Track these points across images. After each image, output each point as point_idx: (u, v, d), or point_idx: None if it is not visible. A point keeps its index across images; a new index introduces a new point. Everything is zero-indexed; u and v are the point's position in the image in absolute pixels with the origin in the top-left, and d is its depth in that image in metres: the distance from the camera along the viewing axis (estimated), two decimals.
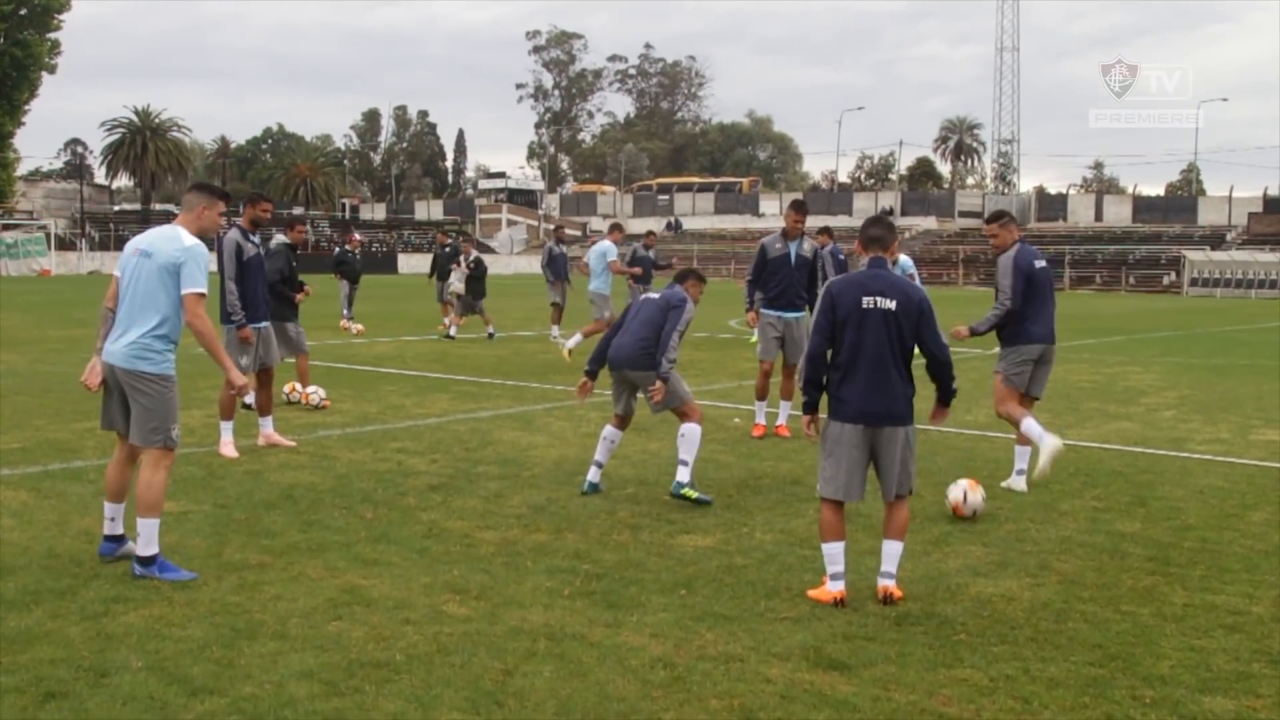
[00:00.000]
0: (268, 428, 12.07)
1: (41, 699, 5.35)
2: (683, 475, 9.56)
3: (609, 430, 10.15)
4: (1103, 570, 7.82)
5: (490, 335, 25.78)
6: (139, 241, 7.62)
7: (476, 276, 26.34)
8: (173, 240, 7.49)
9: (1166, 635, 6.52)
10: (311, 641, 6.17)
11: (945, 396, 7.49)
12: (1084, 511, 9.51)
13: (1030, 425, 9.95)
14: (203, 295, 7.43)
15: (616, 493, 9.91)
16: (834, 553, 7.03)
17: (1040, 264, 10.29)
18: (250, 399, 12.45)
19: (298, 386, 14.84)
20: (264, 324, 11.99)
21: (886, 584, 7.05)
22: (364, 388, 16.06)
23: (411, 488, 9.96)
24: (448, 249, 28.86)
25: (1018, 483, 10.29)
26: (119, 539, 7.66)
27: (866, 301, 7.08)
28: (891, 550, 7.15)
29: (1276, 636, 6.52)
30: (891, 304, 7.09)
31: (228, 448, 11.42)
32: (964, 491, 9.15)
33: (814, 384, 7.30)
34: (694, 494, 9.49)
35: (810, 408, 7.38)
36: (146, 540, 7.29)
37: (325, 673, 5.72)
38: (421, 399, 15.70)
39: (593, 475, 10.05)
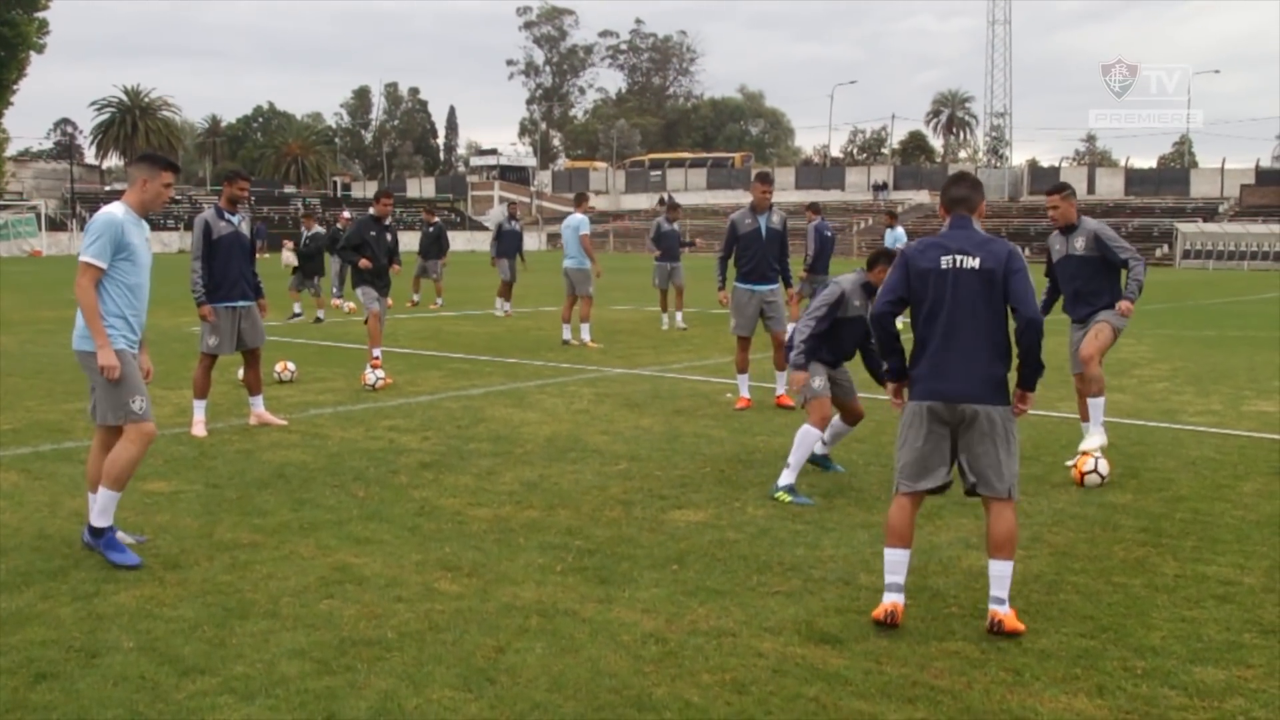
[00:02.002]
0: (258, 407, 12.04)
1: (33, 680, 5.34)
2: (783, 478, 9.11)
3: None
4: (1094, 542, 7.83)
5: (318, 320, 24.34)
6: None
7: (308, 255, 24.96)
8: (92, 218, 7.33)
9: (1158, 606, 6.52)
10: (303, 620, 6.16)
11: (1030, 376, 6.33)
12: (1076, 483, 9.50)
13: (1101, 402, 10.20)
14: (88, 265, 7.17)
15: (608, 469, 9.90)
16: (894, 560, 6.26)
17: None
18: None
19: (289, 365, 14.85)
20: (242, 303, 11.75)
21: (996, 610, 6.11)
22: (355, 366, 16.02)
23: (403, 465, 9.95)
24: (433, 228, 28.80)
25: (1100, 435, 10.14)
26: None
27: (945, 261, 6.26)
28: (999, 572, 6.18)
29: (1267, 607, 6.53)
30: (975, 261, 6.24)
31: (199, 427, 11.39)
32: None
33: (888, 347, 6.52)
34: (788, 497, 8.92)
35: (894, 374, 6.60)
36: (102, 510, 7.19)
37: (317, 651, 5.71)
38: (413, 376, 15.68)
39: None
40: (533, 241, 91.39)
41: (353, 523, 8.12)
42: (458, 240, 57.41)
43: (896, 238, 23.80)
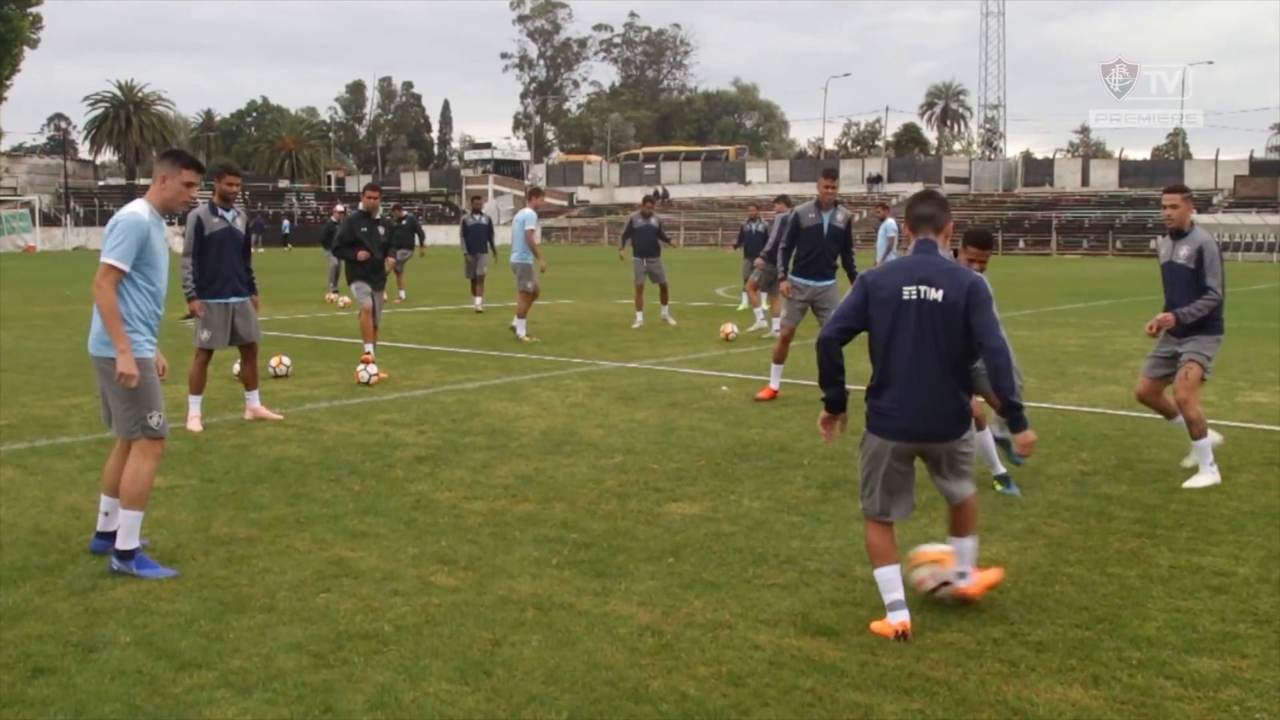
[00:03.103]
0: (254, 401, 12.04)
1: (30, 674, 5.35)
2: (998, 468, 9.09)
3: None
4: (1090, 533, 7.85)
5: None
6: None
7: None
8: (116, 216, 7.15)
9: (1153, 597, 6.54)
10: (300, 614, 6.17)
11: (1017, 418, 6.00)
12: (1071, 475, 9.53)
13: (1205, 448, 9.55)
14: (111, 267, 6.88)
15: (604, 462, 9.91)
16: (888, 578, 6.06)
17: None
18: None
19: (284, 360, 14.86)
20: (235, 299, 11.74)
21: (961, 585, 6.29)
22: (351, 360, 15.99)
23: (399, 459, 9.95)
24: (405, 221, 28.59)
25: (1211, 475, 9.41)
26: (111, 536, 7.09)
27: (908, 292, 5.92)
28: (962, 547, 6.36)
29: (1262, 597, 6.54)
30: (939, 294, 5.89)
31: (194, 422, 11.40)
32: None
33: (828, 376, 6.14)
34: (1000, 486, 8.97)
35: (832, 405, 6.20)
36: (127, 533, 6.90)
37: (313, 645, 5.72)
38: (409, 370, 15.68)
39: None
40: None
41: (349, 517, 8.12)
42: (452, 234, 57.24)
43: (888, 229, 23.82)
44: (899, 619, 5.91)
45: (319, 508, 8.36)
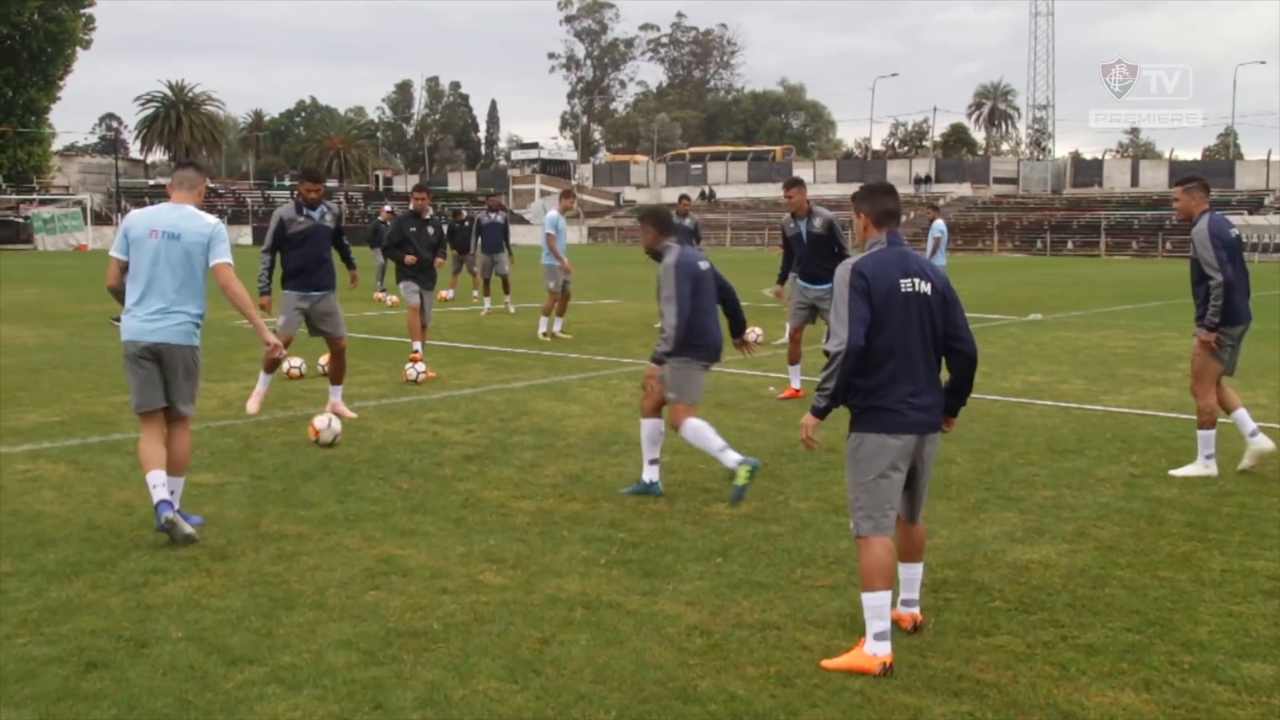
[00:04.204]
0: (335, 396, 12.34)
1: (83, 669, 5.41)
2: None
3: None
4: (1140, 536, 7.79)
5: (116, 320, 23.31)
6: (155, 223, 7.82)
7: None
8: (194, 219, 7.86)
9: (1205, 601, 6.48)
10: (349, 611, 6.21)
11: (961, 404, 6.09)
12: (1121, 478, 9.46)
13: (1242, 417, 9.75)
14: (230, 264, 7.88)
15: None
16: (881, 604, 5.66)
17: (1234, 232, 9.69)
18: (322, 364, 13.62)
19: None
20: (316, 293, 12.12)
21: (913, 611, 6.08)
22: (399, 359, 16.05)
23: (447, 458, 9.99)
24: (466, 223, 28.29)
25: (1202, 467, 9.61)
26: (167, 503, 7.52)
27: (906, 284, 5.81)
28: (912, 575, 6.13)
29: None
30: (928, 286, 5.85)
31: (253, 401, 12.10)
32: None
33: (844, 386, 5.80)
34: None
35: (825, 412, 5.91)
36: (178, 496, 7.81)
37: (363, 642, 5.76)
38: (456, 370, 15.74)
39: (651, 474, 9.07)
40: (575, 235, 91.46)
41: (397, 514, 8.16)
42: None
43: (937, 229, 23.69)
44: (885, 650, 5.57)
45: (368, 505, 8.41)
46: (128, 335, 7.71)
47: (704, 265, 9.07)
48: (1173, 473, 9.60)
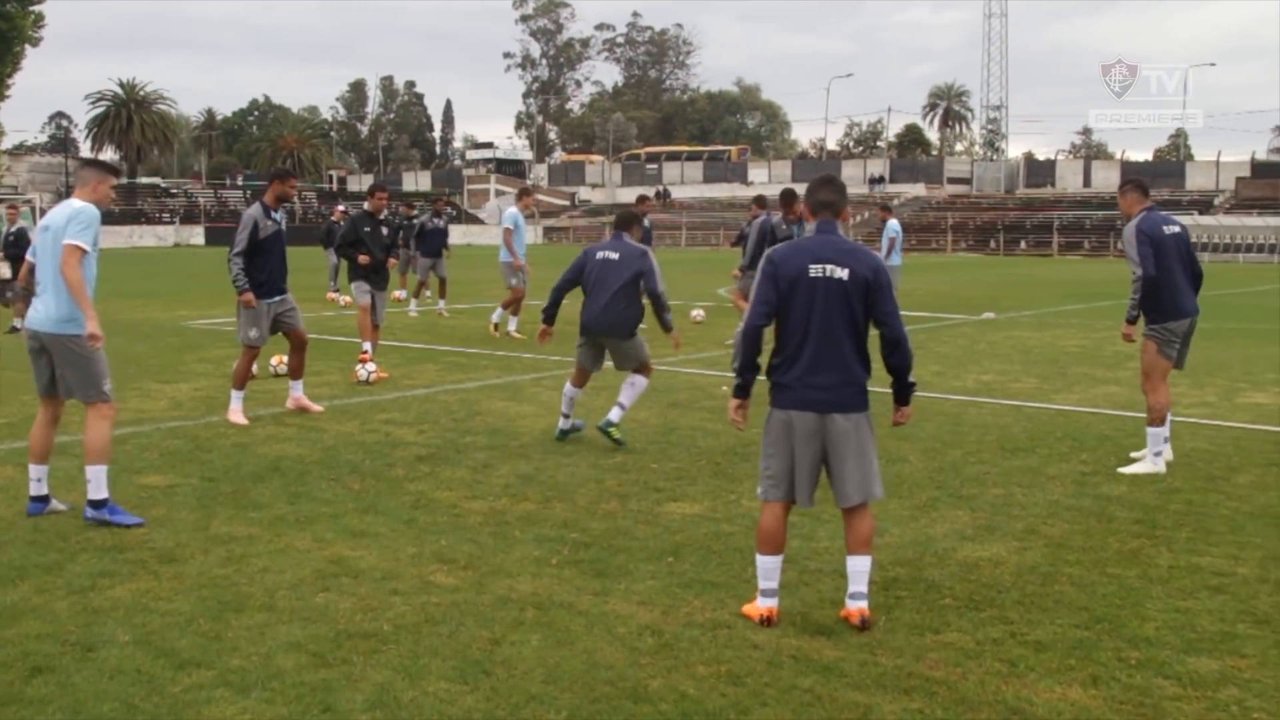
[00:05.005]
0: (297, 391, 12.33)
1: (28, 674, 5.35)
2: (614, 415, 10.63)
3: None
4: (1089, 534, 7.85)
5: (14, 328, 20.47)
6: (43, 219, 8.16)
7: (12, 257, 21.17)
8: (64, 209, 7.98)
9: (1152, 597, 6.54)
10: (299, 613, 6.17)
11: (903, 391, 6.37)
12: (1071, 475, 9.53)
13: (1155, 436, 9.83)
14: (78, 247, 7.76)
15: (604, 461, 9.91)
16: (769, 567, 6.20)
17: (1171, 229, 9.91)
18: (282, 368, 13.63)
19: (285, 359, 14.85)
20: (278, 298, 11.99)
21: (860, 606, 6.11)
22: (351, 359, 15.99)
23: (399, 459, 9.95)
24: (413, 222, 28.27)
25: (1151, 465, 9.79)
26: (44, 499, 8.16)
27: (815, 270, 6.11)
28: (858, 567, 6.19)
29: (1261, 597, 6.54)
30: (844, 272, 6.09)
31: (236, 415, 11.64)
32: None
33: (749, 365, 6.33)
34: (617, 434, 10.50)
35: (742, 390, 6.40)
36: (97, 485, 7.81)
37: (313, 644, 5.72)
38: (410, 370, 15.68)
39: (563, 423, 10.94)
40: (531, 235, 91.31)
41: (349, 516, 8.12)
42: (453, 234, 57.19)
43: (890, 230, 23.79)
44: (767, 605, 6.13)
45: (319, 507, 8.36)
46: (26, 324, 8.24)
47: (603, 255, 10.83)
48: (1122, 470, 9.71)
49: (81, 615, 6.12)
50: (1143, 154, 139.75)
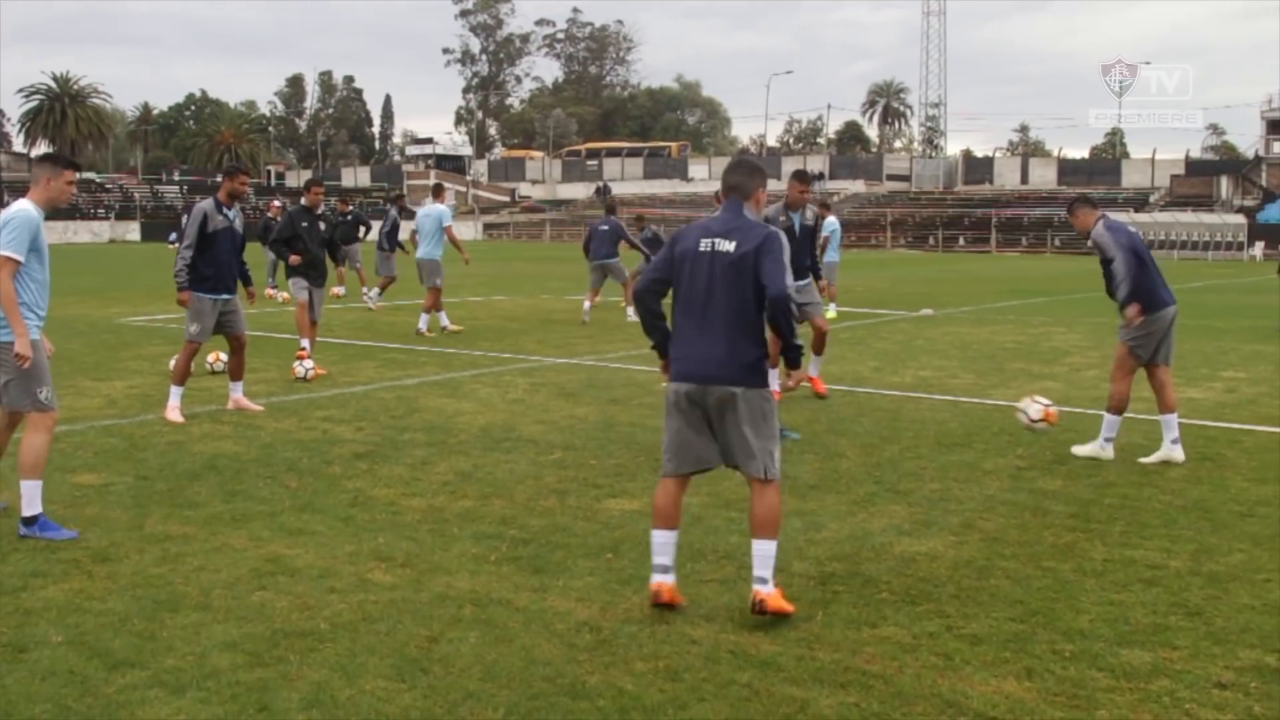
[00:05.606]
0: (237, 392, 12.22)
1: None
2: None
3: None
4: (1025, 528, 7.92)
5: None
6: None
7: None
8: (3, 212, 7.66)
9: (1086, 590, 6.61)
10: (235, 612, 6.12)
11: (791, 353, 6.39)
12: (1007, 470, 9.62)
13: (1110, 424, 10.27)
14: (7, 258, 7.38)
15: (544, 458, 9.90)
16: (661, 542, 6.29)
17: (1132, 228, 10.47)
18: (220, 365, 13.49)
19: (221, 356, 14.72)
20: (226, 295, 11.89)
21: (759, 590, 6.06)
22: (288, 356, 15.89)
23: (337, 456, 9.90)
24: (349, 217, 28.31)
25: (1099, 449, 10.22)
26: None
27: (705, 244, 6.26)
28: (760, 551, 6.13)
29: (1192, 590, 6.63)
30: (730, 246, 6.19)
31: (173, 412, 11.50)
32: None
33: (651, 325, 6.52)
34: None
35: (658, 350, 6.57)
36: (29, 501, 7.48)
37: (249, 643, 5.68)
38: (348, 367, 15.59)
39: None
40: (469, 231, 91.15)
41: (285, 514, 8.07)
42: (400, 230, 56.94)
43: (828, 226, 23.88)
44: (658, 580, 6.23)
45: (255, 505, 8.30)
46: None
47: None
48: (1074, 449, 10.17)
49: (13, 616, 6.04)
50: (1079, 151, 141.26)
